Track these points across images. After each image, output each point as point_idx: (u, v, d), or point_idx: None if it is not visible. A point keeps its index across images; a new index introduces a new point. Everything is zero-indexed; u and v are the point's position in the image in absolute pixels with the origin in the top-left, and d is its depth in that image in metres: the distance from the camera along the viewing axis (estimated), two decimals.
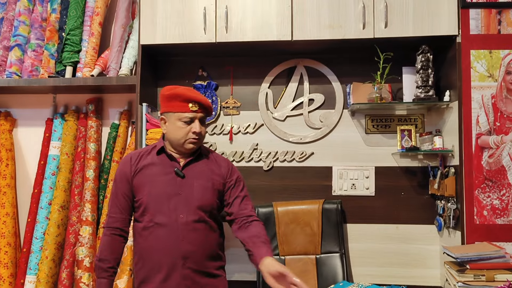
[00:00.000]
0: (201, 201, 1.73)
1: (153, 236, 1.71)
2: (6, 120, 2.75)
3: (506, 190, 2.18)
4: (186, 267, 1.69)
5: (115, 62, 2.54)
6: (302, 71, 2.62)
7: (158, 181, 1.74)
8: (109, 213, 1.79)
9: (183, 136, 1.75)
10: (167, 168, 1.76)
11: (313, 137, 2.58)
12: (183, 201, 1.72)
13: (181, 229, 1.69)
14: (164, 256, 1.70)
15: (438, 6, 2.24)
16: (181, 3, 2.38)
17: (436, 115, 2.50)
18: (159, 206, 1.71)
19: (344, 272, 2.33)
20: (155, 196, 1.72)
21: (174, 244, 1.69)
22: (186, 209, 1.71)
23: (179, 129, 1.74)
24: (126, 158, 1.83)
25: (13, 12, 2.70)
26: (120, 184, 1.78)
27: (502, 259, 1.93)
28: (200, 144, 1.80)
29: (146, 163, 1.78)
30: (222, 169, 1.83)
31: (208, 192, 1.76)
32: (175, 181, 1.74)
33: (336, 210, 2.42)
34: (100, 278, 1.72)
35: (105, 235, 1.76)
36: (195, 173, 1.77)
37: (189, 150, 1.77)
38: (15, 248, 2.65)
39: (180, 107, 1.74)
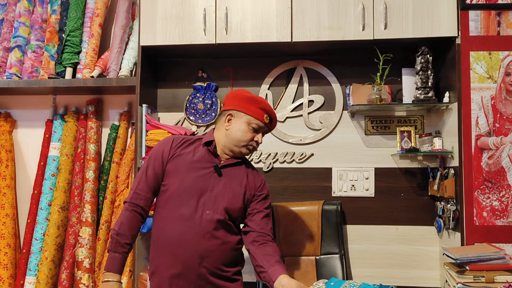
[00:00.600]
0: (229, 203, 1.70)
1: (174, 227, 1.66)
2: (6, 121, 2.75)
3: (506, 191, 2.18)
4: (202, 266, 1.65)
5: (115, 63, 2.55)
6: (302, 73, 2.62)
7: (193, 173, 1.70)
8: (134, 188, 1.72)
9: (245, 140, 1.74)
10: (205, 163, 1.73)
11: (312, 138, 2.59)
12: (212, 199, 1.68)
13: (204, 226, 1.65)
14: (181, 251, 1.65)
15: (437, 7, 2.24)
16: (181, 5, 2.39)
17: (436, 116, 2.50)
18: (187, 198, 1.67)
19: (343, 273, 2.33)
20: (186, 187, 1.68)
21: (195, 241, 1.65)
22: (214, 207, 1.67)
23: (244, 133, 1.73)
24: (168, 138, 1.79)
25: (13, 13, 2.71)
26: (154, 161, 1.73)
27: (502, 260, 1.93)
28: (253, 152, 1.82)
29: (186, 151, 1.75)
30: (256, 181, 1.81)
31: (238, 198, 1.73)
32: (209, 177, 1.71)
33: (335, 211, 2.42)
34: (115, 253, 1.64)
35: (126, 209, 1.69)
36: (232, 176, 1.75)
37: (241, 155, 1.78)
38: (15, 249, 2.65)
39: (256, 113, 1.74)
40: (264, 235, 1.74)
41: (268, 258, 1.67)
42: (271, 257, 1.68)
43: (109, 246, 1.67)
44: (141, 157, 2.41)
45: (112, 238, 1.66)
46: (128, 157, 2.56)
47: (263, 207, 1.79)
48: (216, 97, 2.65)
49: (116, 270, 1.63)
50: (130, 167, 2.55)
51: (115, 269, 1.63)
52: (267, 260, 1.67)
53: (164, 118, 2.67)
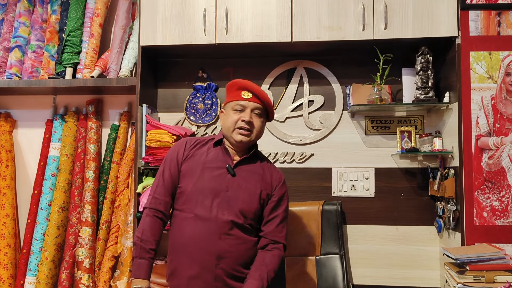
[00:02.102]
0: (244, 204, 1.68)
1: (191, 228, 1.66)
2: (6, 121, 2.75)
3: (506, 192, 2.18)
4: (219, 267, 1.64)
5: (115, 63, 2.55)
6: (302, 73, 2.62)
7: (207, 174, 1.70)
8: (154, 193, 1.73)
9: (232, 124, 1.70)
10: (219, 163, 1.72)
11: (313, 138, 2.59)
12: (228, 199, 1.67)
13: (220, 227, 1.64)
14: (198, 251, 1.64)
15: (437, 7, 2.24)
16: (181, 5, 2.39)
17: (436, 117, 2.50)
18: (202, 198, 1.67)
19: (343, 273, 2.33)
20: (201, 188, 1.68)
21: (211, 241, 1.64)
22: (229, 208, 1.66)
23: (230, 117, 1.72)
24: (181, 140, 1.80)
25: (13, 13, 2.71)
26: (170, 164, 1.74)
27: (502, 261, 1.93)
28: (252, 138, 1.73)
29: (199, 152, 1.75)
30: (273, 180, 1.77)
31: (254, 198, 1.71)
32: (224, 178, 1.70)
33: (336, 211, 2.42)
34: (141, 259, 1.64)
35: (147, 215, 1.70)
36: (246, 175, 1.73)
37: (238, 142, 1.71)
38: (15, 249, 2.65)
39: (234, 96, 1.73)
40: (273, 243, 1.74)
41: (255, 269, 1.68)
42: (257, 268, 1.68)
43: (134, 253, 1.68)
44: (141, 157, 2.41)
45: (136, 245, 1.67)
46: (128, 157, 2.56)
47: (279, 211, 1.77)
48: (216, 97, 2.65)
49: (144, 276, 1.64)
50: (130, 167, 2.55)
51: (143, 275, 1.64)
52: (253, 269, 1.68)
53: (164, 118, 2.67)
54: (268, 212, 1.76)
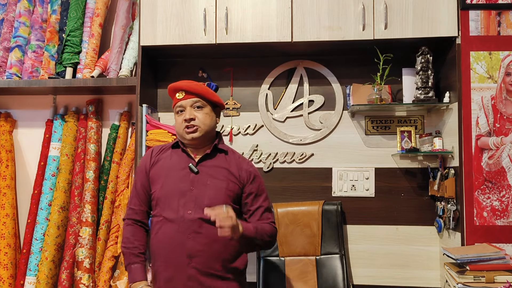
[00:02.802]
0: (211, 200, 1.68)
1: (161, 231, 1.68)
2: (6, 121, 2.75)
3: (506, 192, 2.18)
4: (191, 266, 1.64)
5: (115, 63, 2.55)
6: (302, 73, 2.62)
7: (172, 176, 1.72)
8: (129, 204, 1.79)
9: (179, 126, 1.74)
10: (182, 164, 1.74)
11: (313, 138, 2.59)
12: (193, 198, 1.68)
13: (188, 226, 1.65)
14: (170, 253, 1.66)
15: (437, 7, 2.24)
16: (181, 5, 2.39)
17: (436, 117, 2.50)
18: (169, 200, 1.69)
19: (344, 273, 2.33)
20: (167, 190, 1.70)
21: (180, 241, 1.65)
22: (195, 206, 1.67)
23: (176, 122, 1.76)
24: (148, 150, 1.84)
25: (13, 13, 2.71)
26: (139, 175, 1.79)
27: (502, 261, 1.93)
28: (202, 132, 1.73)
29: (163, 156, 1.78)
30: (242, 172, 1.76)
31: (220, 193, 1.70)
32: (188, 177, 1.71)
33: (336, 211, 2.42)
34: (134, 264, 1.68)
35: (127, 225, 1.76)
36: (211, 171, 1.73)
37: (190, 141, 1.74)
38: (15, 249, 2.65)
39: (174, 100, 1.78)
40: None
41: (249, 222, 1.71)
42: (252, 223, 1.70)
43: (125, 261, 1.72)
44: (141, 157, 2.41)
45: (124, 254, 1.71)
46: (128, 157, 2.56)
47: (260, 201, 1.77)
48: None
49: (140, 278, 1.67)
50: (130, 167, 2.55)
51: (139, 277, 1.68)
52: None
53: (164, 118, 2.67)
54: (249, 206, 1.76)
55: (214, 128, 1.80)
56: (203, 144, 1.78)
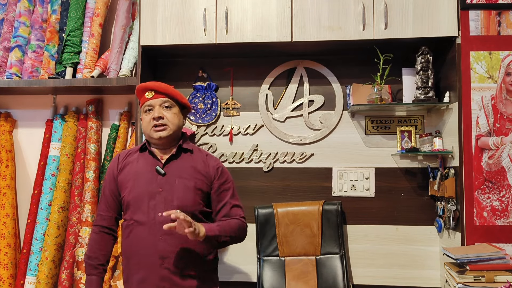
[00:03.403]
0: (180, 200, 1.68)
1: (133, 234, 1.69)
2: (6, 121, 2.75)
3: (506, 191, 2.18)
4: (163, 267, 1.65)
5: (115, 63, 2.55)
6: (302, 72, 2.62)
7: (140, 179, 1.72)
8: (98, 210, 1.81)
9: (147, 125, 1.74)
10: (149, 166, 1.74)
11: (313, 138, 2.59)
12: (162, 200, 1.68)
13: (159, 228, 1.64)
14: (142, 255, 1.67)
15: (437, 7, 2.24)
16: (181, 4, 2.39)
17: (436, 116, 2.50)
18: (139, 203, 1.69)
19: (344, 273, 2.33)
20: (136, 194, 1.70)
21: (152, 243, 1.66)
22: (165, 207, 1.66)
23: (144, 121, 1.76)
24: (115, 156, 1.85)
25: (13, 13, 2.71)
26: (107, 181, 1.79)
27: (502, 260, 1.93)
28: (170, 132, 1.73)
29: (130, 161, 1.78)
30: (209, 169, 1.77)
31: (189, 192, 1.70)
32: (155, 179, 1.71)
33: (336, 211, 2.42)
34: (90, 276, 1.73)
35: (93, 232, 1.78)
36: (177, 171, 1.73)
37: (158, 140, 1.73)
38: (15, 249, 2.65)
39: (141, 100, 1.79)
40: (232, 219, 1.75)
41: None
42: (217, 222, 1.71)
43: (85, 271, 1.77)
44: None
45: (86, 263, 1.76)
46: None
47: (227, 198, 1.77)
48: (216, 97, 2.65)
49: None
50: None
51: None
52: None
53: None
54: (216, 202, 1.76)
55: (181, 128, 1.82)
56: (170, 144, 1.78)
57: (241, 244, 1.83)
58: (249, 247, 2.48)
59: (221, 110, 2.66)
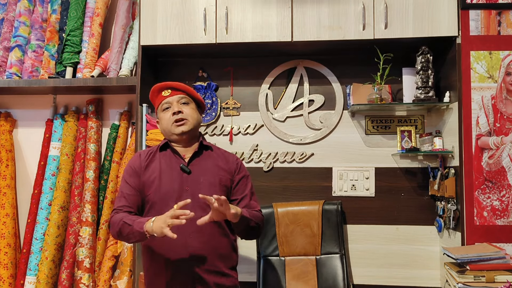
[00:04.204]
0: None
1: None
2: (6, 120, 2.75)
3: (506, 191, 2.18)
4: (193, 264, 1.66)
5: (115, 63, 2.55)
6: (302, 72, 2.62)
7: (165, 178, 1.73)
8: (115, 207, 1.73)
9: (167, 122, 1.76)
10: (173, 165, 1.75)
11: (313, 138, 2.58)
12: (190, 198, 1.66)
13: (188, 226, 1.63)
14: (171, 254, 1.67)
15: (438, 7, 2.24)
16: (181, 4, 2.39)
17: (436, 116, 2.50)
18: (165, 202, 1.69)
19: (344, 273, 2.33)
20: (162, 193, 1.71)
21: (181, 241, 1.65)
22: (193, 205, 1.65)
23: (163, 119, 1.78)
24: (136, 155, 1.84)
25: (13, 12, 2.71)
26: (130, 178, 1.75)
27: (502, 260, 1.93)
28: (191, 126, 1.75)
29: (153, 160, 1.79)
30: (230, 165, 1.80)
31: (215, 189, 1.72)
32: (181, 177, 1.72)
33: (336, 211, 2.42)
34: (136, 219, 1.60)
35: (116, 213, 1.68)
36: (201, 169, 1.75)
37: (180, 135, 1.75)
38: (15, 249, 2.65)
39: (158, 99, 1.81)
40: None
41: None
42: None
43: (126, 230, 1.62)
44: None
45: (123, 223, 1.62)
46: (129, 157, 2.56)
47: (246, 190, 1.80)
48: (216, 97, 2.65)
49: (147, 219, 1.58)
50: None
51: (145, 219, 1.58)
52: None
53: None
54: (236, 196, 1.78)
55: (200, 125, 1.84)
56: (190, 141, 1.80)
57: (241, 243, 1.84)
58: (249, 247, 2.48)
59: (221, 109, 2.66)
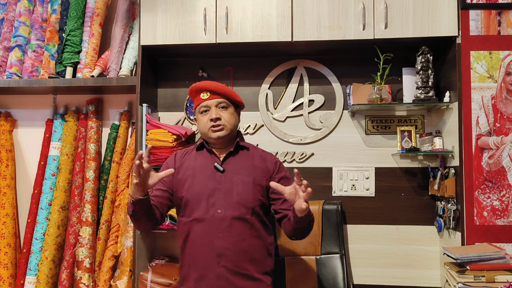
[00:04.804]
0: (240, 196, 1.69)
1: (191, 232, 1.68)
2: (6, 120, 2.75)
3: (506, 191, 2.18)
4: (220, 265, 1.64)
5: (115, 63, 2.55)
6: (302, 72, 2.62)
7: (198, 176, 1.73)
8: None
9: (204, 126, 1.76)
10: (207, 163, 1.75)
11: (313, 138, 2.58)
12: (222, 196, 1.68)
13: (217, 225, 1.64)
14: (200, 253, 1.66)
15: (438, 7, 2.24)
16: (181, 4, 2.39)
17: (436, 116, 2.50)
18: (198, 201, 1.69)
19: (344, 273, 2.33)
20: (195, 191, 1.70)
21: (209, 240, 1.65)
22: (225, 204, 1.67)
23: (200, 122, 1.78)
24: (172, 155, 1.86)
25: (13, 12, 2.71)
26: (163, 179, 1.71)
27: (502, 260, 1.93)
28: (228, 131, 1.76)
29: (188, 159, 1.79)
30: (267, 164, 1.80)
31: (248, 188, 1.71)
32: (214, 176, 1.72)
33: (336, 211, 2.42)
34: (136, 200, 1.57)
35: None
36: (235, 168, 1.75)
37: (217, 139, 1.75)
38: (15, 248, 2.65)
39: (196, 100, 1.80)
40: None
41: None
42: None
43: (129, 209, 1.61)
44: None
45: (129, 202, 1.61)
46: (129, 157, 2.56)
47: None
48: None
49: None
50: (130, 167, 2.55)
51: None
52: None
53: (165, 118, 2.67)
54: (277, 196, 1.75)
55: (237, 127, 1.84)
56: (227, 143, 1.80)
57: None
58: None
59: None
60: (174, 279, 2.25)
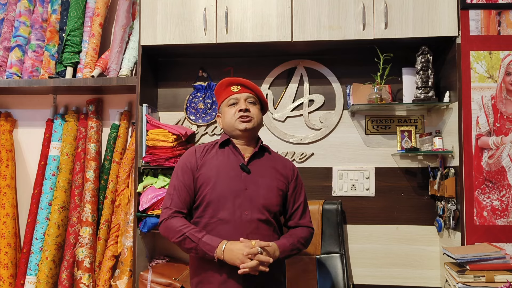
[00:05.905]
0: (266, 199, 1.67)
1: (215, 232, 1.62)
2: (7, 120, 2.75)
3: (506, 191, 2.18)
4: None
5: (116, 63, 2.55)
6: (302, 72, 2.62)
7: (223, 176, 1.68)
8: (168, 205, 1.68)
9: (232, 117, 1.73)
10: (232, 163, 1.71)
11: (313, 138, 2.59)
12: (248, 198, 1.65)
13: (245, 227, 1.62)
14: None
15: (438, 7, 2.24)
16: (181, 4, 2.39)
17: (436, 116, 2.50)
18: (223, 201, 1.65)
19: (344, 272, 2.33)
20: (220, 191, 1.66)
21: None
22: (251, 206, 1.65)
23: (228, 113, 1.75)
24: (190, 150, 1.79)
25: (13, 12, 2.71)
26: (183, 176, 1.70)
27: (502, 260, 1.93)
28: (254, 124, 1.73)
29: (210, 157, 1.74)
30: (287, 170, 1.79)
31: (273, 192, 1.70)
32: (240, 176, 1.69)
33: (336, 210, 2.42)
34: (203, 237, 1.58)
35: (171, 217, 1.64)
36: (260, 170, 1.72)
37: (243, 131, 1.71)
38: (15, 248, 2.65)
39: (225, 94, 1.78)
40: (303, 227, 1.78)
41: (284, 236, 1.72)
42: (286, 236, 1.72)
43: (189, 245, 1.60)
44: (141, 156, 2.41)
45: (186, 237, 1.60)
46: (129, 157, 2.56)
47: (301, 198, 1.80)
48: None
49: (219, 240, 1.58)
50: (130, 167, 2.55)
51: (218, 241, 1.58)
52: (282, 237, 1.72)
53: (165, 118, 2.68)
54: (291, 204, 1.78)
55: (261, 126, 1.81)
56: (251, 141, 1.78)
57: None
58: None
59: None
60: (174, 279, 2.25)
